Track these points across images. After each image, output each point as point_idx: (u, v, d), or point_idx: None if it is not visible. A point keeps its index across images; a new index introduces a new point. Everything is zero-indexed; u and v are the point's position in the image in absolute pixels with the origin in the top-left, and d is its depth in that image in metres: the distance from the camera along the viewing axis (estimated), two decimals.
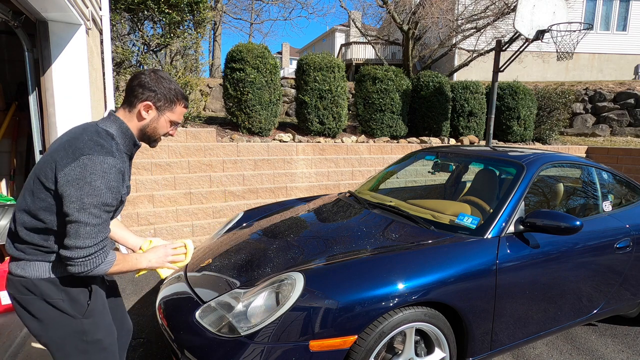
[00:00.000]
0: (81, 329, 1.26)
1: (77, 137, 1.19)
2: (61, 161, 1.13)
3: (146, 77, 1.29)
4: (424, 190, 3.84)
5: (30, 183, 1.20)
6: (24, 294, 1.21)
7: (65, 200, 1.11)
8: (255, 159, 4.91)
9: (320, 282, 1.73)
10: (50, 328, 1.23)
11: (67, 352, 1.27)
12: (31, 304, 1.22)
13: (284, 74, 22.20)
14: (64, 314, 1.24)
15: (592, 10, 13.94)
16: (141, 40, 5.05)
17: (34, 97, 2.81)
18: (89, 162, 1.11)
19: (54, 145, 1.24)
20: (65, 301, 1.23)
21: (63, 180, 1.11)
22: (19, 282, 1.21)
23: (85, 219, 1.12)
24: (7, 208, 3.25)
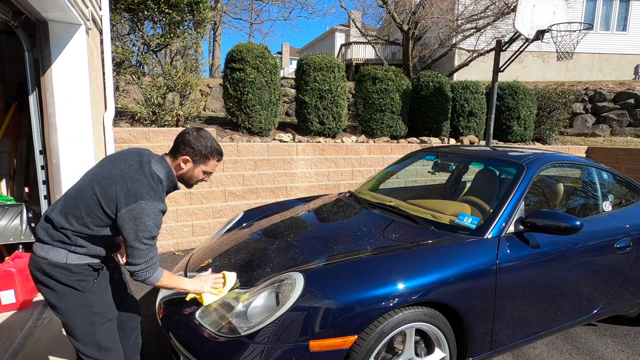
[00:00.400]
0: (89, 302, 1.52)
1: (137, 179, 1.49)
2: (123, 200, 1.45)
3: (189, 135, 1.60)
4: (424, 190, 3.84)
5: (88, 199, 1.48)
6: (43, 272, 1.47)
7: (124, 230, 1.45)
8: (255, 159, 4.91)
9: (320, 282, 1.73)
10: (64, 300, 1.49)
11: (77, 322, 1.51)
12: (48, 281, 1.47)
13: (284, 74, 22.20)
14: (74, 289, 1.49)
15: (592, 10, 13.94)
16: (141, 40, 5.05)
17: (34, 97, 2.81)
18: (145, 206, 1.45)
19: (109, 169, 1.52)
20: (75, 281, 1.49)
21: (125, 216, 1.44)
22: (40, 262, 1.47)
23: (138, 246, 1.47)
24: (7, 208, 3.26)
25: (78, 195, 1.50)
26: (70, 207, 1.48)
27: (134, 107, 4.81)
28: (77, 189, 1.53)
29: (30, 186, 3.52)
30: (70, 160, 2.91)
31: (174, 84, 4.93)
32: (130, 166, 1.51)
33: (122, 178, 1.47)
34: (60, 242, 1.48)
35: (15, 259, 3.00)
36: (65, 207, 1.49)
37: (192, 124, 5.25)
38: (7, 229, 3.18)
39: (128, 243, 1.46)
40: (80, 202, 1.48)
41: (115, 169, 1.51)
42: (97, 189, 1.47)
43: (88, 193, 1.48)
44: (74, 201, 1.49)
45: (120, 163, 1.53)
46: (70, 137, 2.90)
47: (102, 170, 1.53)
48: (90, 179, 1.53)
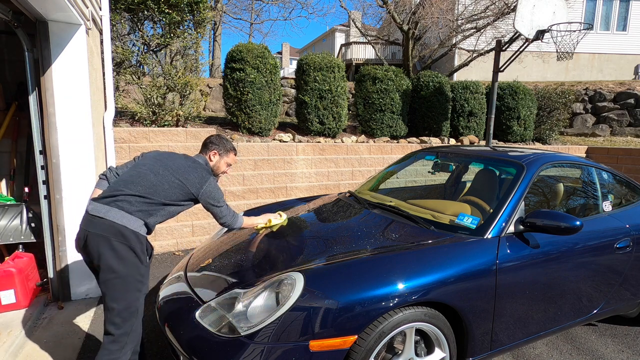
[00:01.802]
0: (142, 272, 1.85)
1: (200, 168, 2.08)
2: (199, 183, 2.01)
3: (214, 137, 2.25)
4: (424, 190, 3.84)
5: (172, 182, 1.95)
6: (118, 238, 1.77)
7: (209, 200, 2.06)
8: (255, 159, 4.91)
9: (320, 282, 1.73)
10: (126, 266, 1.78)
11: (129, 287, 1.80)
12: (120, 246, 1.77)
13: (284, 74, 22.20)
14: (137, 258, 1.82)
15: (592, 10, 13.94)
16: (141, 40, 5.05)
17: (34, 97, 2.81)
18: (212, 181, 2.07)
19: (174, 163, 2.03)
20: (140, 250, 1.83)
21: (205, 191, 2.03)
22: (118, 229, 1.78)
23: (221, 205, 2.13)
24: (7, 208, 3.25)
25: (160, 180, 1.93)
26: (157, 188, 1.91)
27: (134, 107, 4.81)
28: (152, 175, 1.93)
29: (30, 186, 3.52)
30: (70, 160, 2.91)
31: (174, 84, 4.93)
32: (188, 161, 2.08)
33: (191, 169, 2.03)
34: (142, 213, 1.86)
35: (15, 259, 3.00)
36: (150, 188, 1.90)
37: (192, 124, 5.24)
38: (7, 229, 3.18)
39: (214, 207, 2.08)
40: (165, 185, 1.93)
41: (179, 163, 2.03)
42: (178, 176, 1.97)
43: (171, 178, 1.95)
44: (159, 184, 1.92)
45: (177, 159, 2.06)
46: (70, 137, 2.90)
47: (168, 164, 2.00)
48: (163, 168, 1.97)
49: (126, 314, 1.80)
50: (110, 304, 1.78)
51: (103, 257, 1.76)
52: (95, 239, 1.77)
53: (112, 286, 1.77)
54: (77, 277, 3.04)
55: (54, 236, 2.95)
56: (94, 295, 3.13)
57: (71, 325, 2.69)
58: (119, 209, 1.82)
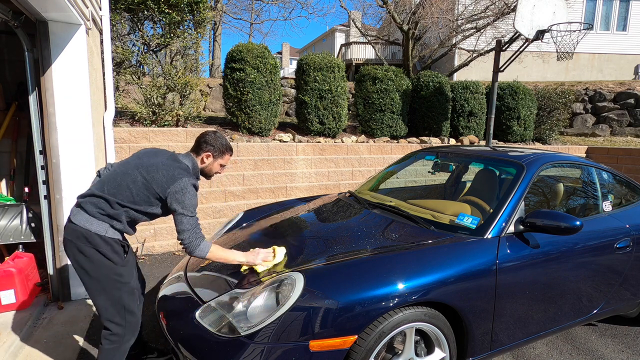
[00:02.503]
0: (118, 272, 1.81)
1: (174, 166, 1.85)
2: (167, 182, 1.80)
3: (209, 136, 2.01)
4: (424, 190, 3.84)
5: (138, 182, 1.80)
6: (82, 242, 1.74)
7: (173, 203, 1.80)
8: (255, 159, 4.91)
9: (320, 282, 1.73)
10: (98, 268, 1.77)
11: (108, 287, 1.79)
12: (87, 249, 1.75)
13: (284, 74, 22.20)
14: (109, 260, 1.78)
15: (592, 10, 13.94)
16: (141, 40, 5.05)
17: (34, 97, 2.80)
18: (183, 182, 1.80)
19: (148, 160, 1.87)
20: (110, 252, 1.78)
21: (172, 191, 1.79)
22: (81, 233, 1.75)
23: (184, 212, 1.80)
24: (7, 208, 3.25)
25: (125, 179, 1.81)
26: (120, 188, 1.79)
27: (134, 107, 4.81)
28: (121, 174, 1.83)
29: (30, 186, 3.52)
30: (70, 160, 2.91)
31: (174, 84, 4.93)
32: (166, 159, 1.89)
33: (163, 166, 1.84)
34: (107, 216, 1.78)
35: (15, 259, 3.00)
36: (114, 188, 1.79)
37: (192, 124, 5.25)
38: (7, 229, 3.18)
39: (176, 212, 1.80)
40: (130, 184, 1.79)
41: (155, 160, 1.86)
42: (145, 174, 1.81)
43: (137, 177, 1.80)
44: (123, 183, 1.80)
45: (157, 157, 1.89)
46: (70, 137, 2.90)
47: (142, 161, 1.86)
48: (134, 167, 1.84)
49: (113, 310, 1.82)
50: (95, 302, 1.83)
51: (74, 261, 1.78)
52: (66, 244, 1.79)
53: (89, 287, 1.81)
54: (77, 277, 3.03)
55: (54, 236, 2.95)
56: None
57: (71, 325, 2.69)
58: (84, 211, 1.79)
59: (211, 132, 2.04)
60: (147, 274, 3.67)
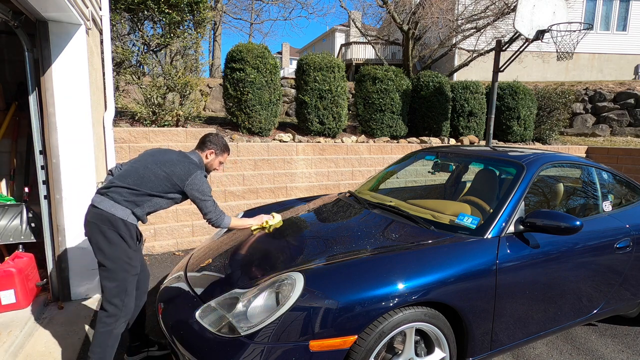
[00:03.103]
0: (130, 255, 2.02)
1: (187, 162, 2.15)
2: (184, 175, 2.09)
3: (212, 136, 2.32)
4: (424, 190, 3.84)
5: (159, 174, 2.06)
6: (106, 225, 1.96)
7: (194, 193, 2.12)
8: (255, 159, 4.91)
9: (320, 282, 1.73)
10: (114, 249, 1.97)
11: (117, 268, 1.98)
12: (109, 232, 1.96)
13: (284, 74, 22.20)
14: (125, 242, 1.99)
15: (592, 10, 13.94)
16: (141, 40, 5.05)
17: (34, 97, 2.80)
18: (198, 174, 2.12)
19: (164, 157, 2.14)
20: (128, 236, 2.00)
21: (190, 183, 2.09)
22: (106, 217, 1.96)
23: (206, 199, 2.16)
24: (7, 208, 3.25)
25: (147, 172, 2.05)
26: (144, 179, 2.03)
27: (134, 107, 4.81)
28: (142, 169, 2.06)
29: (30, 186, 3.52)
30: (70, 160, 2.91)
31: (174, 84, 4.93)
32: (178, 156, 2.16)
33: (179, 162, 2.12)
34: (129, 203, 2.00)
35: (15, 259, 2.99)
36: (139, 179, 2.03)
37: (192, 124, 5.25)
38: (7, 229, 3.17)
39: (199, 199, 2.13)
40: (152, 177, 2.04)
41: (169, 157, 2.13)
42: (165, 168, 2.07)
43: (158, 171, 2.06)
44: (146, 176, 2.04)
45: (169, 154, 2.15)
46: (70, 137, 2.90)
47: (158, 158, 2.11)
48: (152, 163, 2.08)
49: (116, 291, 1.99)
50: (103, 282, 2.00)
51: (95, 241, 1.99)
52: (90, 226, 1.99)
53: (103, 267, 1.99)
54: (77, 277, 3.03)
55: (54, 236, 2.95)
56: (94, 295, 3.12)
57: (71, 325, 2.69)
58: (109, 199, 2.00)
59: (213, 133, 2.35)
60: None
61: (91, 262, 3.06)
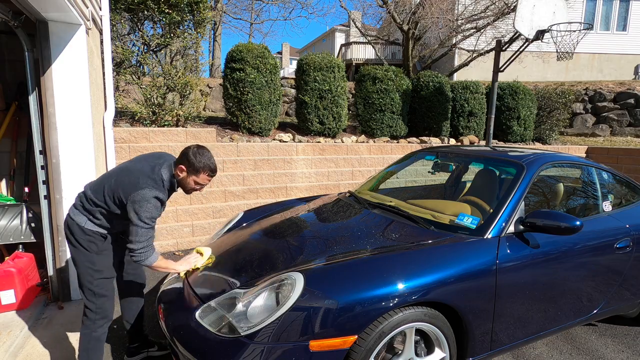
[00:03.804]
0: (92, 260, 1.98)
1: (146, 175, 1.92)
2: (130, 189, 1.86)
3: (190, 150, 1.96)
4: (424, 190, 3.84)
5: (111, 184, 1.92)
6: (67, 231, 1.99)
7: (130, 211, 1.85)
8: (255, 159, 4.91)
9: (320, 282, 1.73)
10: (77, 254, 1.98)
11: (82, 272, 1.99)
12: (70, 237, 1.98)
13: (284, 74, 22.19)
14: (84, 248, 1.96)
15: (592, 10, 13.94)
16: (141, 40, 5.05)
17: (34, 97, 2.80)
18: (145, 193, 1.84)
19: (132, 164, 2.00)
20: (86, 241, 1.96)
21: (130, 200, 1.85)
22: (67, 222, 1.99)
23: (139, 224, 1.85)
24: (7, 208, 3.25)
25: (105, 180, 1.97)
26: (99, 186, 1.96)
27: (134, 107, 4.81)
28: (106, 175, 2.01)
29: (30, 186, 3.52)
30: (70, 160, 2.91)
31: (174, 84, 4.93)
32: (146, 166, 1.95)
33: (137, 172, 1.92)
34: (85, 211, 1.96)
35: (15, 259, 3.00)
36: (96, 186, 1.97)
37: (192, 124, 5.25)
38: (7, 229, 3.17)
39: (132, 222, 1.85)
40: (105, 185, 1.94)
41: (137, 165, 1.97)
42: (116, 176, 1.94)
43: (112, 179, 1.94)
44: (102, 183, 1.96)
45: (145, 162, 1.99)
46: (70, 137, 2.90)
47: (128, 164, 2.00)
48: (118, 168, 2.00)
49: (88, 294, 1.99)
50: (79, 285, 2.03)
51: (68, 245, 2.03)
52: None
53: (76, 270, 2.04)
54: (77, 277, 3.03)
55: (54, 236, 2.95)
56: None
57: (71, 325, 2.69)
58: (72, 205, 2.03)
59: (196, 147, 1.97)
60: (148, 273, 3.67)
61: None
